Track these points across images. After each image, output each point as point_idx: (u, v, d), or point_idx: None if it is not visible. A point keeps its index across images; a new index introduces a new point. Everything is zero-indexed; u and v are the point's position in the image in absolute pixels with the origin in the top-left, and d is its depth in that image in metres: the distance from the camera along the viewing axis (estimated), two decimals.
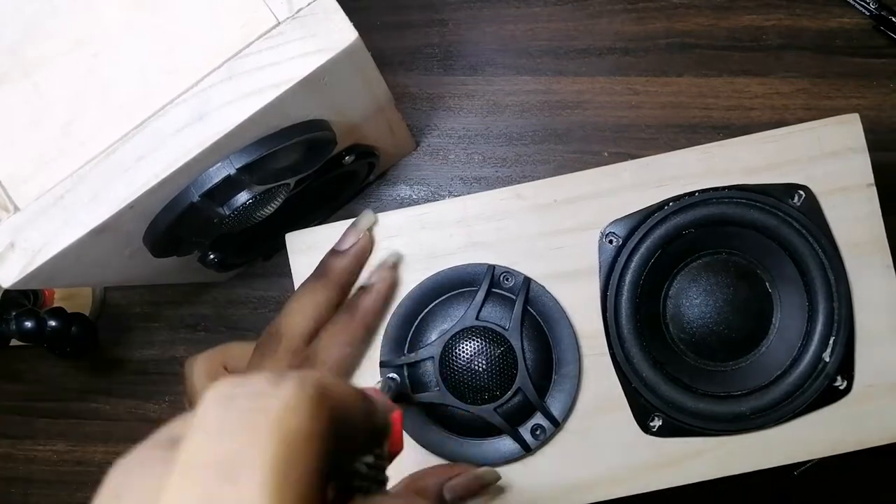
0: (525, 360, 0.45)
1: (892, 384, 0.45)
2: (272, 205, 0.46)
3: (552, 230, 0.46)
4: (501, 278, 0.46)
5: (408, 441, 0.46)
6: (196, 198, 0.41)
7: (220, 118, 0.38)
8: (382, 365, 0.47)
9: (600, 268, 0.46)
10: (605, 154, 0.63)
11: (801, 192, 0.45)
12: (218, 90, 0.39)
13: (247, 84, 0.39)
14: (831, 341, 0.45)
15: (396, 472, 0.46)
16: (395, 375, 0.46)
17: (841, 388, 0.45)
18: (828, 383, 0.44)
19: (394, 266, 0.46)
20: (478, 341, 0.46)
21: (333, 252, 0.47)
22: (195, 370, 0.48)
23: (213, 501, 0.20)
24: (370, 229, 0.47)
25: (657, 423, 0.45)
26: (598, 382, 0.46)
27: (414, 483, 0.44)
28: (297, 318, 0.45)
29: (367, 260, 0.47)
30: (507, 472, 0.46)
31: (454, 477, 0.43)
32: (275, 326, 0.45)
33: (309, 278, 0.46)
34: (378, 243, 0.47)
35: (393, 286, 0.47)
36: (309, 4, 0.39)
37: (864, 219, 0.45)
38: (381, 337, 0.47)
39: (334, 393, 0.24)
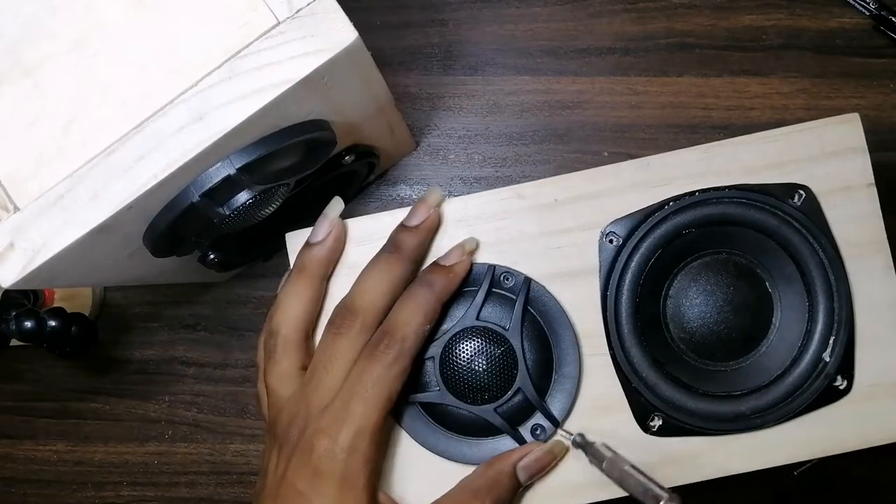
0: (525, 360, 0.45)
1: (893, 384, 0.45)
2: (272, 205, 0.46)
3: (552, 230, 0.46)
4: (502, 278, 0.46)
5: (407, 441, 0.46)
6: (196, 198, 0.41)
7: (220, 118, 0.38)
8: None
9: (600, 268, 0.46)
10: (605, 154, 0.63)
11: (802, 192, 0.45)
12: (218, 90, 0.39)
13: (247, 84, 0.38)
14: (831, 341, 0.45)
15: (391, 473, 0.46)
16: (580, 434, 0.45)
17: (841, 387, 0.45)
18: (828, 383, 0.44)
19: (471, 253, 0.46)
20: (478, 341, 0.46)
21: (403, 227, 0.46)
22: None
23: None
24: (439, 205, 0.46)
25: (657, 422, 0.45)
26: (598, 382, 0.46)
27: (487, 470, 0.44)
28: (372, 294, 0.44)
29: (435, 236, 0.47)
30: None
31: (524, 457, 0.44)
32: (349, 302, 0.44)
33: (380, 253, 0.45)
34: (377, 243, 0.47)
35: (468, 272, 0.46)
36: (309, 4, 0.39)
37: (865, 219, 0.45)
38: None
39: None
